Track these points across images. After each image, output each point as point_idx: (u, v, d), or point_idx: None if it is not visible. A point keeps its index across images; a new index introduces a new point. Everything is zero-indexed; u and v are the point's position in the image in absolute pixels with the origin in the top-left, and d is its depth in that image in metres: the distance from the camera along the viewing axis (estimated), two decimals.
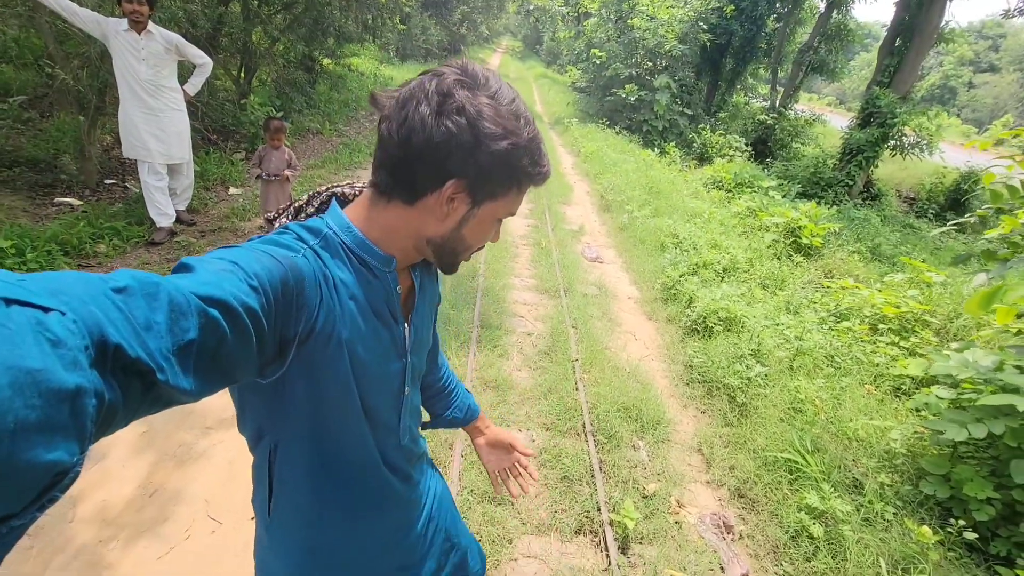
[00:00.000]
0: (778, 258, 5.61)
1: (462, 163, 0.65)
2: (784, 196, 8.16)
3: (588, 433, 2.71)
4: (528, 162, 0.69)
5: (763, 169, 10.00)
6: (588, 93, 14.93)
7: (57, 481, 0.30)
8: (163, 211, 3.98)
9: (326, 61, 9.56)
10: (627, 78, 12.62)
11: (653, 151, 10.96)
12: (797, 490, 2.49)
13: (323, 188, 0.79)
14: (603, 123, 12.74)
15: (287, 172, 3.86)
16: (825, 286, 4.88)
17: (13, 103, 5.10)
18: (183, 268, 0.49)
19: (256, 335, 0.51)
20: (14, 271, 3.29)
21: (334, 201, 0.75)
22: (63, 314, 0.31)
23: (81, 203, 4.54)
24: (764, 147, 12.45)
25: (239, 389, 0.72)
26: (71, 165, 4.88)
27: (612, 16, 13.97)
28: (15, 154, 4.83)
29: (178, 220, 4.31)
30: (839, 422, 2.90)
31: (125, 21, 3.47)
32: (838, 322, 4.10)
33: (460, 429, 1.21)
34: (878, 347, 3.68)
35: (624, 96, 12.37)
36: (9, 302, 0.29)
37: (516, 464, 1.19)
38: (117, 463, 2.25)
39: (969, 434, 2.34)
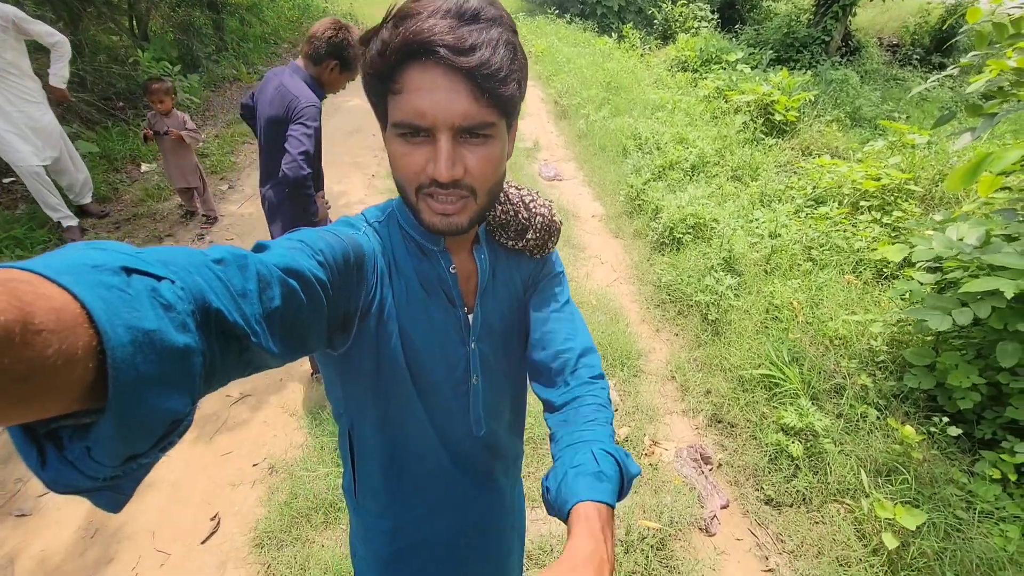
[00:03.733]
0: (750, 142, 5.21)
1: (369, 94, 0.63)
2: (755, 67, 7.51)
3: None
4: (384, 36, 0.56)
5: (732, 39, 9.15)
6: None
7: (174, 428, 0.34)
8: (60, 211, 3.54)
9: None
10: None
11: (611, 37, 10.02)
12: (776, 407, 2.37)
13: None
14: (552, 13, 11.57)
15: (181, 133, 3.38)
16: (800, 167, 4.54)
17: None
18: (259, 248, 0.50)
19: (327, 305, 0.53)
20: None
21: None
22: (172, 282, 0.34)
23: None
24: (732, 12, 11.36)
25: (324, 364, 0.74)
26: None
27: None
28: None
29: (87, 214, 3.88)
30: (818, 323, 2.73)
31: None
32: (816, 208, 3.82)
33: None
34: (859, 229, 3.44)
35: None
36: (129, 271, 0.32)
37: None
38: (52, 507, 2.10)
39: (954, 322, 2.17)
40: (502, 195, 0.79)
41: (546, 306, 0.83)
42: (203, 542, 1.99)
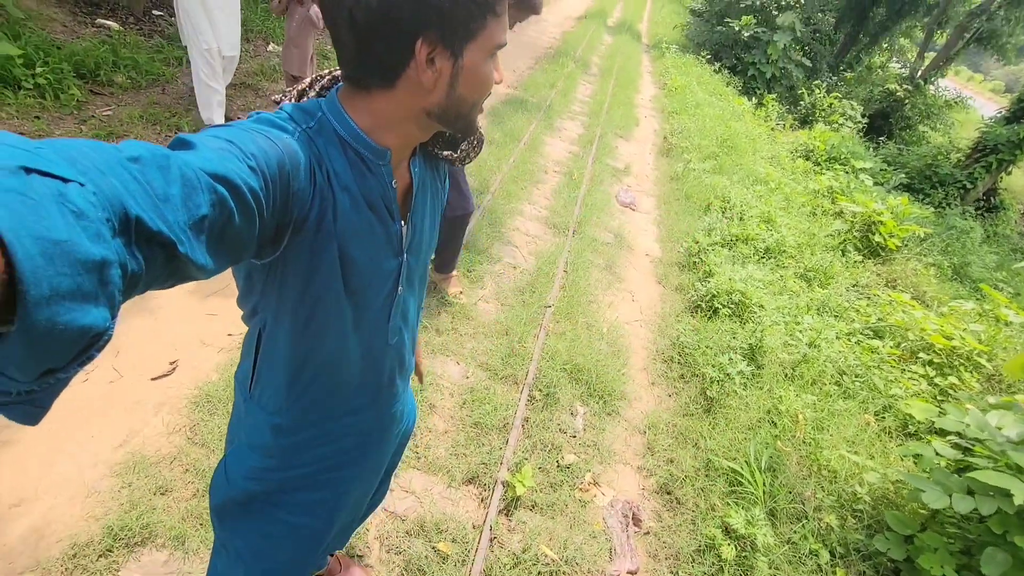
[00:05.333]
0: (837, 250, 4.91)
1: (419, 17, 0.59)
2: (880, 183, 7.07)
3: (525, 385, 2.51)
4: None
5: (870, 148, 8.64)
6: (702, 17, 13.21)
7: (93, 342, 0.32)
8: (213, 118, 3.46)
9: None
10: (747, 8, 10.98)
11: (750, 100, 9.70)
12: (729, 504, 2.24)
13: (326, 72, 0.73)
14: (705, 56, 11.32)
15: (311, 13, 3.33)
16: (875, 294, 4.24)
17: None
18: (182, 144, 0.46)
19: (258, 216, 0.50)
20: (20, 83, 3.31)
21: (335, 88, 0.70)
22: (82, 185, 0.31)
23: (120, 28, 4.48)
24: (884, 122, 10.72)
25: (244, 266, 0.71)
26: None
27: None
28: None
29: None
30: (814, 446, 2.56)
31: None
32: (870, 338, 3.57)
33: None
34: (903, 377, 3.18)
35: (737, 29, 10.83)
36: (29, 171, 0.28)
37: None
38: None
39: (951, 505, 1.98)
40: None
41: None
42: (154, 379, 2.10)
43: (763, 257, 4.29)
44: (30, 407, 0.33)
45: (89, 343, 0.32)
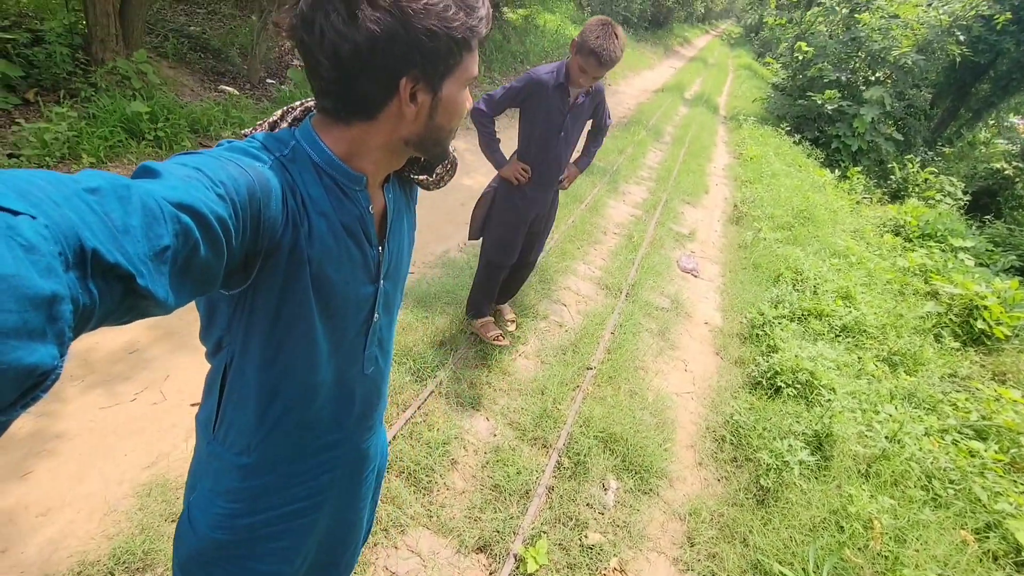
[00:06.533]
0: (929, 334, 4.38)
1: (404, 57, 0.61)
2: (984, 264, 6.35)
3: (555, 449, 2.36)
4: (463, 16, 0.62)
5: (972, 226, 7.88)
6: (784, 92, 13.05)
7: (39, 382, 0.30)
8: None
9: (507, 10, 9.53)
10: (831, 82, 10.73)
11: (832, 172, 9.27)
12: None
13: (298, 104, 0.74)
14: (785, 128, 11.08)
15: None
16: (977, 388, 3.69)
17: None
18: (146, 172, 0.46)
19: (226, 245, 0.49)
20: (143, 135, 3.82)
21: (308, 117, 0.71)
22: (33, 218, 0.30)
23: (239, 94, 5.12)
24: (991, 201, 9.79)
25: (207, 299, 0.70)
26: (236, 58, 5.50)
27: (840, 7, 11.84)
28: (203, 41, 5.57)
29: None
30: (894, 562, 2.16)
31: None
32: (969, 439, 3.07)
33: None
34: (1013, 491, 2.67)
35: (821, 102, 10.55)
36: None
37: None
38: None
39: None
40: None
41: None
42: (193, 405, 2.19)
43: (838, 336, 3.90)
44: None
45: (35, 383, 0.30)
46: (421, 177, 0.83)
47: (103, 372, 2.21)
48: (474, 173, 5.21)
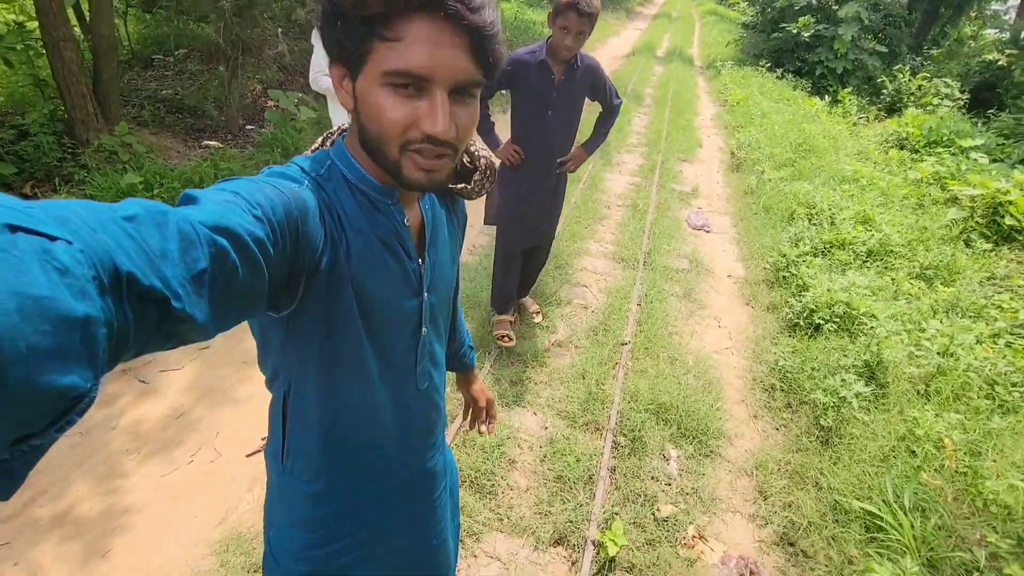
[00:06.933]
0: (958, 241, 4.28)
1: (328, 41, 0.59)
2: (998, 160, 6.18)
3: (608, 430, 2.34)
4: None
5: (977, 124, 7.66)
6: (754, 29, 12.80)
7: (73, 405, 0.30)
8: None
9: None
10: (803, 8, 10.49)
11: (822, 99, 9.08)
12: (869, 555, 1.88)
13: (336, 128, 0.75)
14: (765, 65, 10.87)
15: None
16: (1019, 286, 3.59)
17: (177, 55, 5.90)
18: (187, 199, 0.47)
19: (266, 265, 0.49)
20: None
21: (341, 136, 0.72)
22: (69, 243, 0.30)
23: (222, 146, 5.15)
24: (990, 94, 9.50)
25: (259, 325, 0.71)
26: (215, 112, 5.53)
27: None
28: (178, 101, 5.61)
29: None
30: (973, 476, 2.12)
31: None
32: (1023, 338, 2.99)
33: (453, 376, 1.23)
34: None
35: (796, 31, 10.33)
36: (14, 229, 0.28)
37: (483, 412, 1.23)
38: (163, 384, 2.51)
39: None
40: None
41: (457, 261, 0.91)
42: (248, 455, 2.21)
43: (865, 262, 3.82)
44: (2, 478, 0.29)
45: (69, 406, 0.30)
46: (459, 186, 0.81)
47: (156, 441, 2.23)
48: None
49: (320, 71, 2.75)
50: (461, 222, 0.89)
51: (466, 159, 0.82)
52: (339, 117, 3.02)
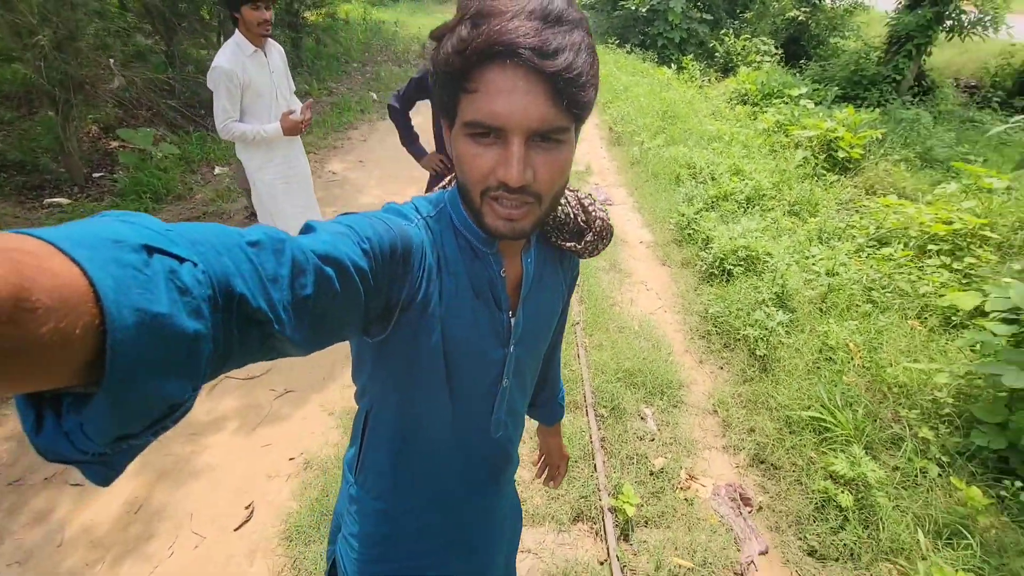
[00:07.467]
0: (810, 177, 5.05)
1: (434, 98, 0.63)
2: (819, 103, 7.31)
3: (588, 406, 2.50)
4: (466, 31, 0.55)
5: (795, 74, 8.96)
6: (596, 9, 13.68)
7: (170, 412, 0.33)
8: None
9: (308, 14, 8.99)
10: None
11: (670, 68, 10.01)
12: (824, 453, 2.24)
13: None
14: (613, 43, 11.69)
15: None
16: (863, 206, 4.35)
17: None
18: (306, 230, 0.50)
19: (365, 295, 0.52)
20: None
21: None
22: (195, 265, 0.33)
23: (70, 201, 4.47)
24: (797, 47, 11.14)
25: (356, 344, 0.73)
26: (52, 164, 4.78)
27: None
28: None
29: None
30: (876, 368, 2.58)
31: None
32: (878, 248, 3.64)
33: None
34: (925, 274, 3.25)
35: (634, 7, 11.23)
36: (151, 250, 0.31)
37: (556, 469, 1.27)
38: None
39: None
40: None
41: (561, 318, 0.94)
42: (236, 529, 2.04)
43: (747, 208, 4.38)
44: (103, 468, 0.33)
45: (166, 413, 0.33)
46: (568, 244, 0.79)
47: (120, 543, 1.98)
48: (366, 190, 5.04)
49: (228, 117, 2.49)
50: (569, 280, 0.88)
51: (581, 218, 0.79)
52: (252, 163, 2.74)
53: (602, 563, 1.89)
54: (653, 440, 2.39)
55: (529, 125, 0.56)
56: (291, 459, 2.30)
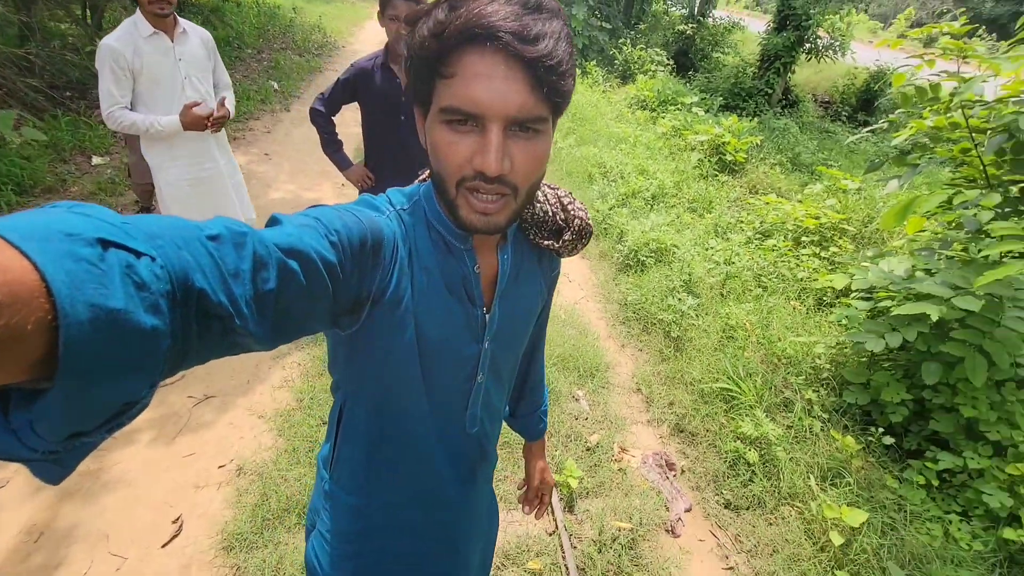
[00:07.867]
0: (705, 178, 5.59)
1: (410, 86, 0.62)
2: (707, 111, 8.08)
3: None
4: (443, 14, 0.54)
5: (686, 84, 9.82)
6: None
7: (126, 410, 0.32)
8: None
9: None
10: None
11: None
12: (733, 418, 2.55)
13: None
14: None
15: None
16: (749, 203, 4.92)
17: None
18: (272, 222, 0.49)
19: (332, 288, 0.51)
20: None
21: None
22: (153, 259, 0.32)
23: None
24: (685, 59, 12.18)
25: (332, 336, 0.71)
26: None
27: None
28: None
29: None
30: (768, 343, 2.96)
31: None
32: (764, 240, 4.15)
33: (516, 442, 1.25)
34: (801, 261, 3.77)
35: None
36: (107, 244, 0.30)
37: (540, 499, 1.22)
38: None
39: (886, 344, 2.42)
40: (539, 193, 0.77)
41: (541, 317, 0.94)
42: (164, 545, 1.89)
43: (653, 204, 4.76)
44: (54, 466, 0.32)
45: (121, 410, 0.32)
46: (547, 243, 0.78)
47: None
48: (276, 185, 4.78)
49: (115, 104, 2.19)
50: (549, 279, 0.86)
51: (560, 216, 0.78)
52: (154, 161, 2.46)
53: (551, 534, 2.01)
54: (587, 419, 2.57)
55: (508, 112, 0.55)
56: (221, 467, 2.17)
